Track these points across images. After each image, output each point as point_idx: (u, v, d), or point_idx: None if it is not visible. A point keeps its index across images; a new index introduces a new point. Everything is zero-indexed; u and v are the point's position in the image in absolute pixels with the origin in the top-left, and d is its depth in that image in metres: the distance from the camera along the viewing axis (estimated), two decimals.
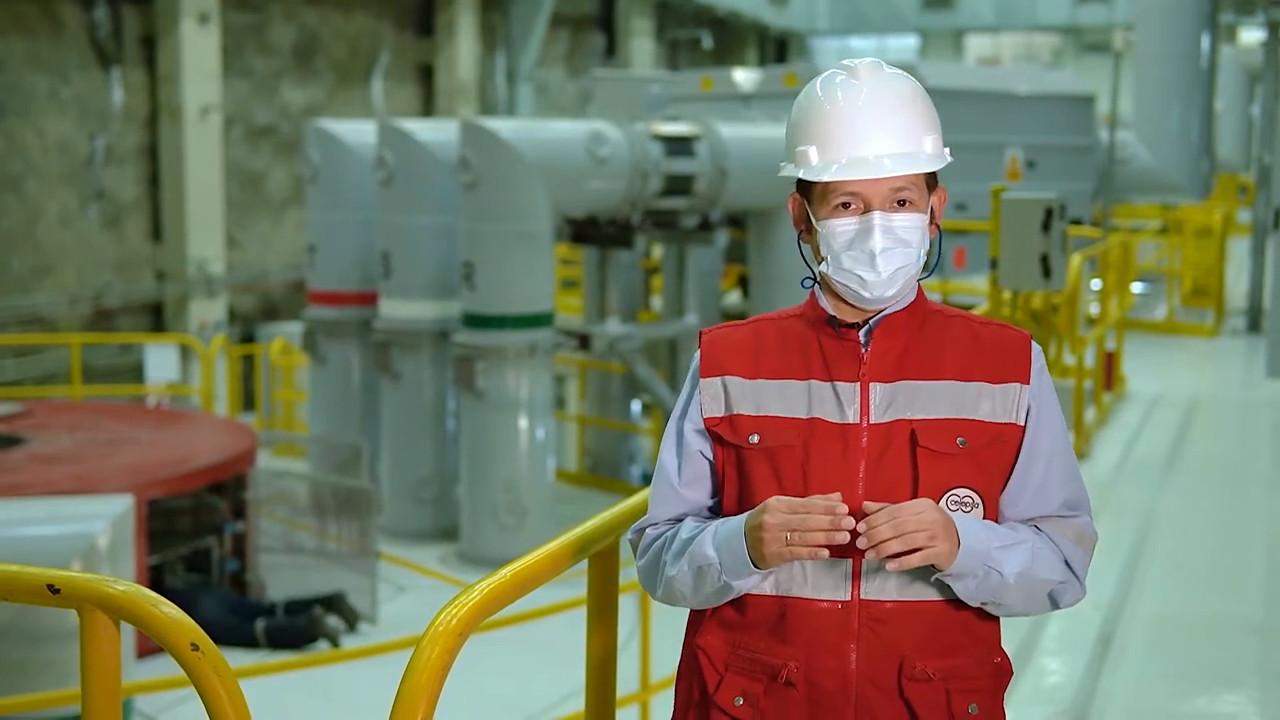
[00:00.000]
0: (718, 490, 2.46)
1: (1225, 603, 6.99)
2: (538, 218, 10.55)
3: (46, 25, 17.13)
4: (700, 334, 2.50)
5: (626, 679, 4.09)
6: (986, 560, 2.28)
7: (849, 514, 2.20)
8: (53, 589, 2.23)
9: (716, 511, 2.47)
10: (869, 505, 2.22)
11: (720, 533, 2.34)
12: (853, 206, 2.32)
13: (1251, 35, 24.54)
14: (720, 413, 2.42)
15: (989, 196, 7.61)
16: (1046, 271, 6.65)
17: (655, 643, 6.02)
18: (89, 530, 7.04)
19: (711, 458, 2.44)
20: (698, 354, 2.48)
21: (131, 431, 10.07)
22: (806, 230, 2.42)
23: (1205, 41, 15.42)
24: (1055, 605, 2.43)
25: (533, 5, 23.92)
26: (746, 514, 2.31)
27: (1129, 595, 6.99)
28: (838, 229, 2.33)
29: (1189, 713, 5.74)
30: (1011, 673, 2.45)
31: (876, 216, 2.30)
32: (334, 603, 9.25)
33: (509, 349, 10.51)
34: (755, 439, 2.37)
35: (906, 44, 36.30)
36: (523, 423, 10.67)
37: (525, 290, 10.59)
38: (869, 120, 2.31)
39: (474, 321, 10.64)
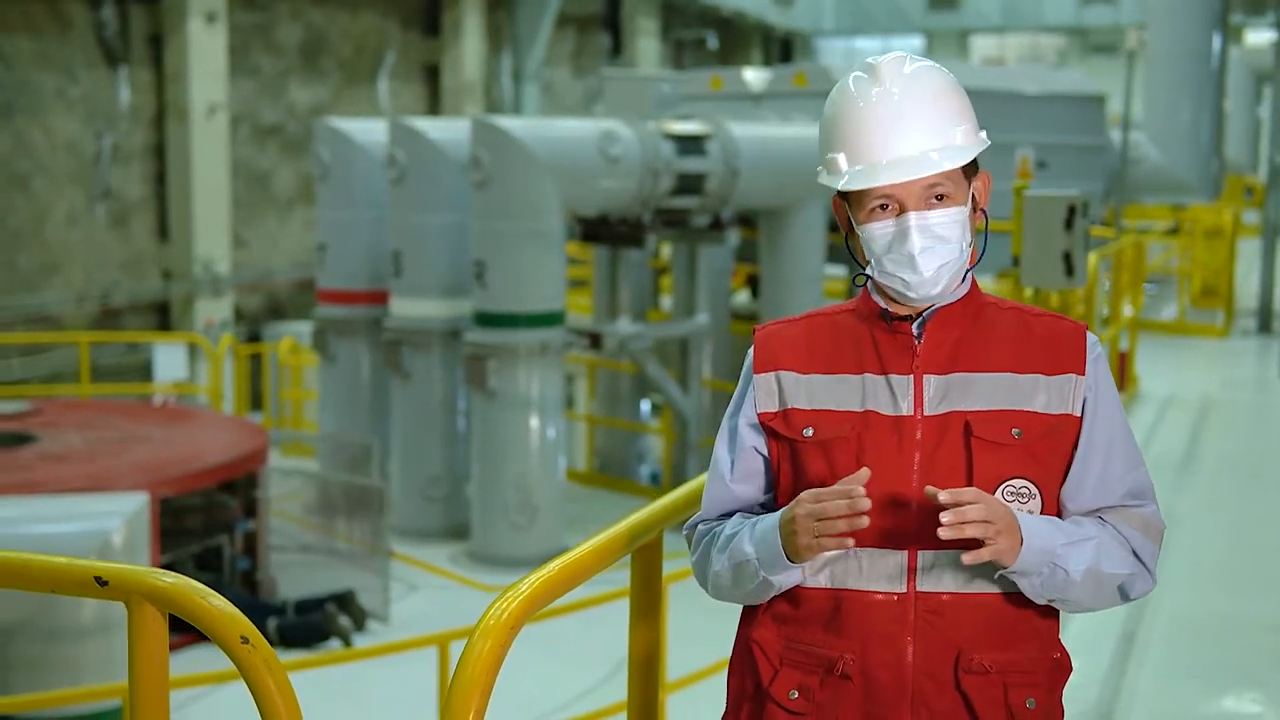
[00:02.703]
0: (772, 486, 2.45)
1: (1247, 601, 6.97)
2: (549, 216, 10.52)
3: (54, 24, 17.11)
4: (754, 330, 2.50)
5: None
6: (1052, 558, 2.25)
7: (865, 496, 2.17)
8: (100, 581, 2.20)
9: (769, 508, 2.45)
10: (931, 490, 2.18)
11: (758, 529, 2.34)
12: (889, 208, 2.30)
13: (1258, 36, 24.53)
14: (774, 408, 2.40)
15: (1001, 196, 7.55)
16: (1069, 269, 6.63)
17: (673, 641, 5.99)
18: (104, 528, 7.02)
19: (766, 453, 2.43)
20: (751, 350, 2.47)
21: (142, 430, 10.04)
22: (850, 231, 2.40)
23: (1216, 41, 15.39)
24: (1125, 598, 2.41)
25: (539, 5, 23.89)
26: (783, 509, 2.30)
27: (1150, 594, 6.95)
28: (876, 232, 2.31)
29: (1214, 713, 5.71)
30: (1070, 668, 2.42)
31: (912, 218, 2.28)
32: (343, 601, 9.23)
33: (520, 348, 10.49)
34: (810, 432, 2.35)
35: (911, 45, 36.26)
36: (534, 422, 10.64)
37: (537, 289, 10.57)
38: (893, 122, 2.28)
39: (485, 320, 10.61)
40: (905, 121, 2.28)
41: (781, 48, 34.90)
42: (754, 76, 14.13)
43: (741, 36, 32.66)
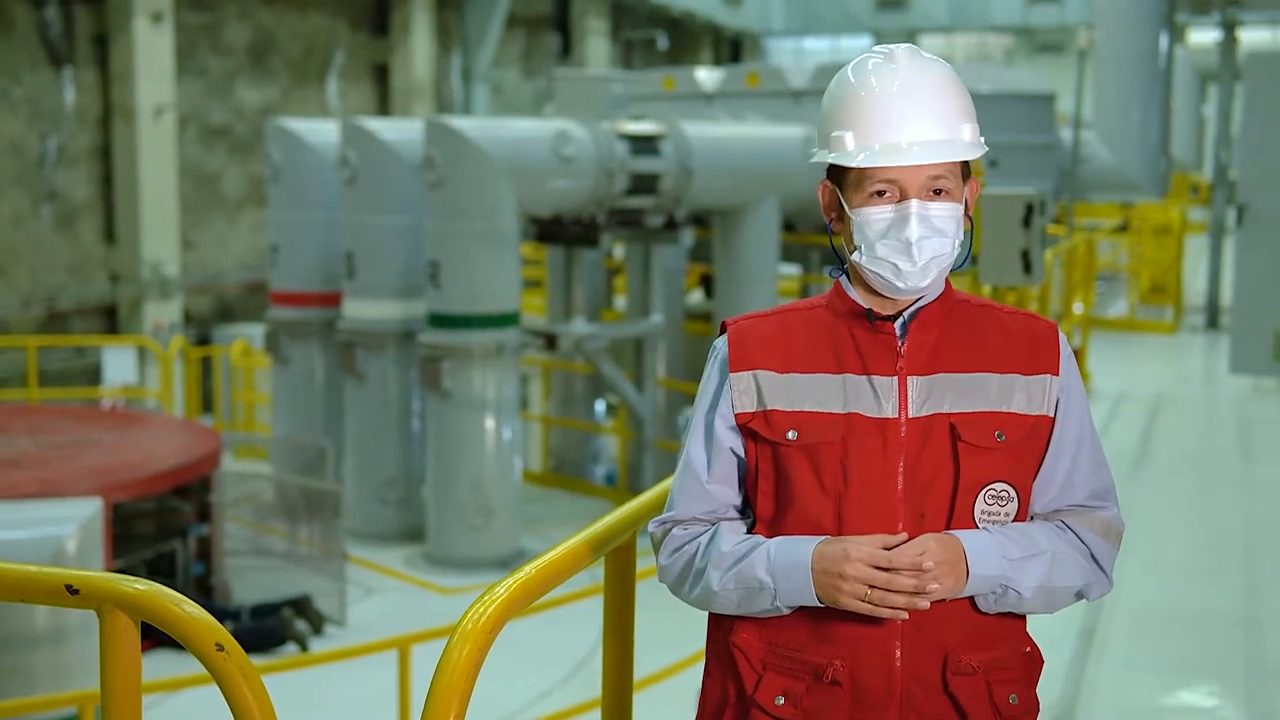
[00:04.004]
0: (743, 486, 2.39)
1: (1205, 595, 7.03)
2: (504, 217, 10.48)
3: None
4: (725, 324, 2.42)
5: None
6: (1001, 581, 2.27)
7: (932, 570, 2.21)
8: (71, 589, 2.15)
9: (744, 508, 2.40)
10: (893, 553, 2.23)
11: (775, 558, 2.27)
12: (888, 194, 2.26)
13: (1202, 36, 24.79)
14: (753, 408, 2.34)
15: None
16: (1027, 267, 6.67)
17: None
18: (58, 534, 6.94)
19: (743, 454, 2.37)
20: (721, 344, 2.39)
21: (94, 434, 9.93)
22: (837, 218, 2.35)
23: (1164, 41, 15.53)
24: (1082, 598, 2.41)
25: (488, 5, 23.81)
26: (811, 545, 2.25)
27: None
28: (873, 217, 2.27)
29: (1173, 705, 5.76)
30: (1042, 661, 2.43)
31: (913, 204, 2.24)
32: (299, 606, 9.15)
33: (475, 349, 10.44)
34: (793, 435, 2.30)
35: (860, 45, 36.41)
36: (489, 423, 10.59)
37: (491, 290, 10.52)
38: (907, 106, 2.25)
39: (440, 321, 10.56)
40: (920, 107, 2.25)
41: (731, 48, 34.96)
42: (706, 76, 14.14)
43: (691, 37, 32.69)
